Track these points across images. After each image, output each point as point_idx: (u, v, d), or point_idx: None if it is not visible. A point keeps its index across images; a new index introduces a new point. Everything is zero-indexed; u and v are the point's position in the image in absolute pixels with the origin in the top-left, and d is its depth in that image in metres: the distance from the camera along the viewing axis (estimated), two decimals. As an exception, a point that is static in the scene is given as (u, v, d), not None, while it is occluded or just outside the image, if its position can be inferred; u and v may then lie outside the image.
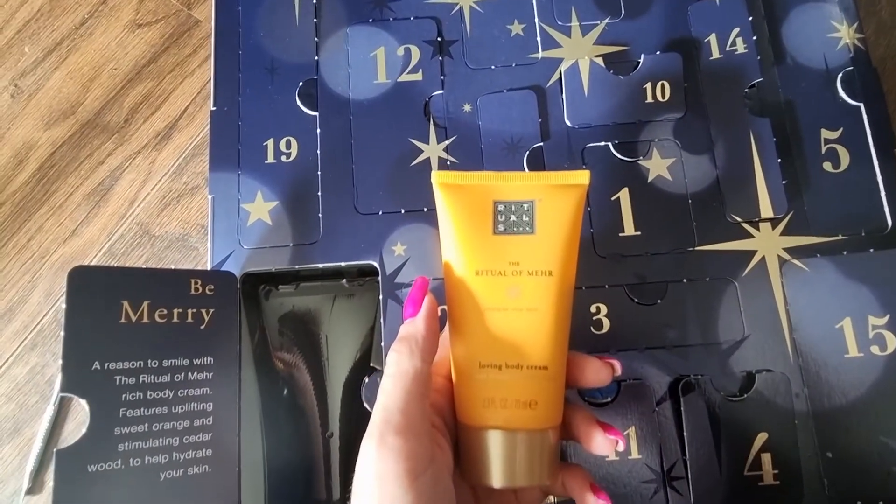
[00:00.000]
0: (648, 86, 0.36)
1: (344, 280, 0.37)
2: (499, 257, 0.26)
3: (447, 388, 0.27)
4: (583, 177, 0.27)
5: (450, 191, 0.27)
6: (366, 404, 0.32)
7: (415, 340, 0.25)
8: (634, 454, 0.32)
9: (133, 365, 0.30)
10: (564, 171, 0.27)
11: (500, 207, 0.26)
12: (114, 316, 0.30)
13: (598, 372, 0.27)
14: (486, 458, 0.25)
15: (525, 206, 0.26)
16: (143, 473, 0.29)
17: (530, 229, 0.26)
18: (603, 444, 0.26)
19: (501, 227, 0.26)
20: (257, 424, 0.35)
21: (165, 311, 0.31)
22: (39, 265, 0.45)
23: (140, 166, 0.47)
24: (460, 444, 0.26)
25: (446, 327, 0.27)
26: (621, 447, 0.27)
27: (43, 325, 0.44)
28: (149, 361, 0.30)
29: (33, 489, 0.40)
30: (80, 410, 0.28)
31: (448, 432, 0.26)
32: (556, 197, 0.26)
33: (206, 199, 0.35)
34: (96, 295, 0.29)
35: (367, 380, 0.33)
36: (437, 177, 0.27)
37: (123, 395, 0.29)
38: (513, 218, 0.26)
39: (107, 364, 0.29)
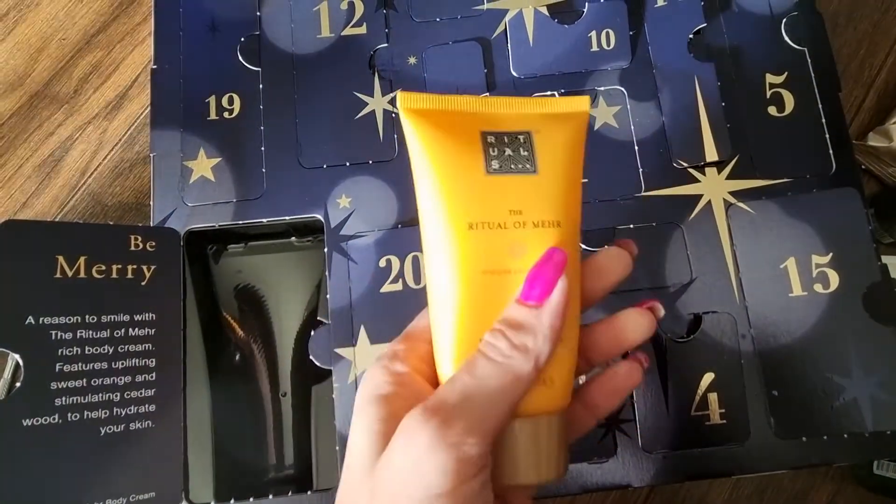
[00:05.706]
0: (594, 34, 0.36)
1: (293, 238, 0.37)
2: (497, 204, 0.20)
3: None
4: (582, 103, 0.21)
5: (422, 118, 0.21)
6: (311, 357, 0.32)
7: (538, 335, 0.19)
8: (583, 399, 0.32)
9: (69, 320, 0.29)
10: (560, 97, 0.22)
11: (491, 139, 0.20)
12: (48, 271, 0.29)
13: (639, 323, 0.22)
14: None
15: (521, 137, 0.21)
16: (82, 428, 0.28)
17: (532, 167, 0.20)
18: (642, 321, 0.21)
19: (496, 165, 0.20)
20: (203, 384, 0.35)
21: (104, 267, 0.30)
22: (-10, 238, 0.44)
23: (91, 136, 0.46)
24: None
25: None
26: (662, 312, 0.22)
27: (-6, 298, 0.43)
28: (86, 317, 0.30)
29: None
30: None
31: None
32: (556, 128, 0.21)
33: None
34: (29, 249, 0.29)
35: (313, 333, 0.32)
36: (403, 100, 0.21)
37: (60, 350, 0.28)
38: (508, 152, 0.20)
39: (41, 319, 0.28)
